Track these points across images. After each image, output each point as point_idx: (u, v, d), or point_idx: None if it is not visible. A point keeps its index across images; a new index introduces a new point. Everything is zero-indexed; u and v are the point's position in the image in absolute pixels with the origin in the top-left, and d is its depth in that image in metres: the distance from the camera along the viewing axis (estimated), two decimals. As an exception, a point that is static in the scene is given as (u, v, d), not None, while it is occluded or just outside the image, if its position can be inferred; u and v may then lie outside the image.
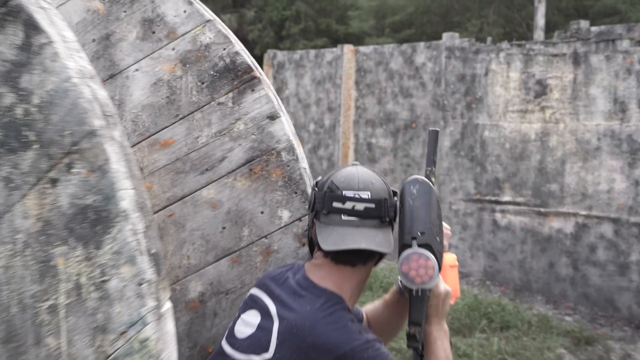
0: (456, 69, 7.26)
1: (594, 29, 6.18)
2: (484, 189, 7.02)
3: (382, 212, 1.71)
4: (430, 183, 1.75)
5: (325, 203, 1.74)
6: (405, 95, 7.77)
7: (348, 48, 8.37)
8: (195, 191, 2.17)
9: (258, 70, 2.26)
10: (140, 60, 2.17)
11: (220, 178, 2.17)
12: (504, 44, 6.92)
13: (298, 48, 20.26)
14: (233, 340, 1.74)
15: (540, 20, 10.19)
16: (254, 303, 1.77)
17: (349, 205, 1.70)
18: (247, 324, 1.73)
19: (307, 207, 2.08)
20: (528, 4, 18.58)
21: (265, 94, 2.20)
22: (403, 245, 1.64)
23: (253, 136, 2.15)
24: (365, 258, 1.73)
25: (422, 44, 7.67)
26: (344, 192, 1.71)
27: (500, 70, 6.88)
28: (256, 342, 1.67)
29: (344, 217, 1.70)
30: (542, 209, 6.55)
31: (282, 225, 2.12)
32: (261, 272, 2.11)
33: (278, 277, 1.81)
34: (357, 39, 20.01)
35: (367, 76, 8.17)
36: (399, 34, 20.82)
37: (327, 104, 8.63)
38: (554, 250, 6.47)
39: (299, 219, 2.12)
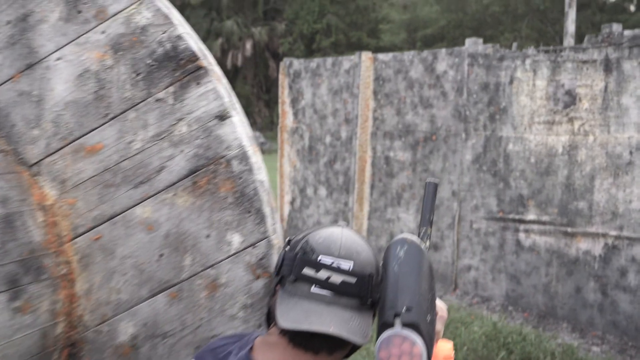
0: (479, 77, 6.82)
1: (627, 32, 5.70)
2: (507, 206, 6.55)
3: (364, 290, 1.35)
4: (423, 246, 1.38)
5: (294, 267, 1.38)
6: (426, 105, 7.34)
7: (366, 55, 7.97)
8: (128, 209, 1.80)
9: (206, 59, 1.87)
10: (64, 46, 1.80)
11: (157, 193, 1.79)
12: (530, 50, 6.46)
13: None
14: None
15: (570, 26, 9.68)
16: None
17: (323, 274, 1.35)
18: None
19: (263, 231, 1.77)
20: (561, 17, 18.11)
21: (213, 88, 1.82)
22: (383, 325, 1.26)
23: (198, 141, 1.79)
24: (332, 346, 1.37)
25: (443, 50, 7.25)
26: (319, 258, 1.37)
27: (526, 78, 6.42)
28: None
29: (314, 290, 1.35)
30: (569, 229, 6.06)
31: (232, 252, 1.77)
32: (206, 311, 1.76)
33: (219, 351, 1.48)
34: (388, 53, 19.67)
35: (385, 85, 7.76)
36: (431, 48, 20.42)
37: (344, 114, 8.23)
38: (581, 273, 5.98)
39: (253, 245, 1.77)
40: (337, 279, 1.34)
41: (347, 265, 1.35)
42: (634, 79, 5.65)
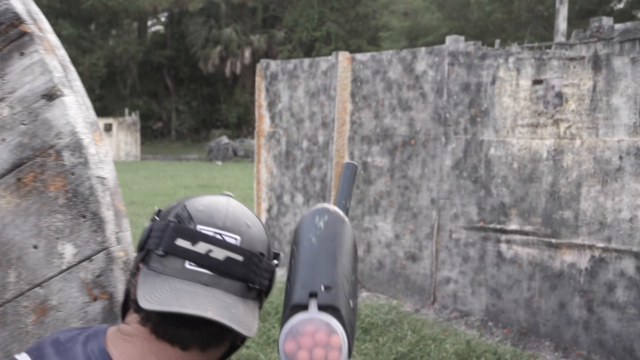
0: (460, 77, 6.38)
1: (618, 26, 5.25)
2: (489, 215, 6.10)
3: (252, 273, 1.09)
4: (347, 219, 1.07)
5: (164, 238, 1.08)
6: (404, 108, 6.90)
7: (344, 56, 7.55)
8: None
9: (36, 24, 1.52)
10: None
11: (-28, 194, 1.46)
12: (514, 47, 6.03)
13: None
14: None
15: (561, 24, 9.21)
16: None
17: (202, 247, 1.06)
18: None
19: (101, 241, 1.44)
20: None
21: (40, 60, 1.48)
22: (293, 308, 0.96)
23: (22, 127, 1.45)
24: (207, 340, 1.08)
25: (423, 49, 6.82)
26: (197, 227, 1.08)
27: (509, 77, 5.98)
28: None
29: (189, 266, 1.06)
30: (553, 240, 5.60)
31: (64, 267, 1.44)
32: (35, 340, 1.42)
33: (64, 342, 1.12)
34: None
35: (363, 87, 7.33)
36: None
37: (321, 118, 7.80)
38: (565, 288, 5.51)
39: (88, 259, 1.44)
40: (220, 254, 1.06)
41: (232, 239, 1.08)
42: (625, 77, 5.20)
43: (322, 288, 0.96)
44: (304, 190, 7.99)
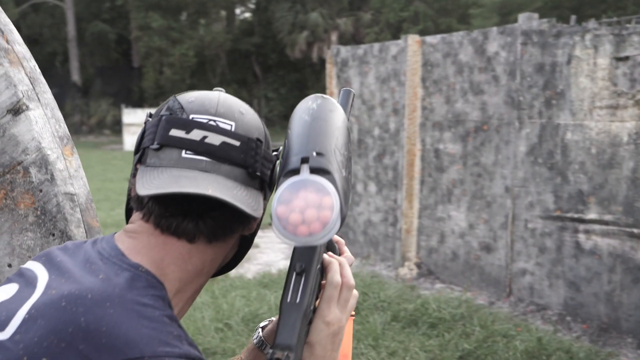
0: (534, 57, 6.03)
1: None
2: (566, 203, 5.75)
3: (251, 158, 1.07)
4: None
5: (157, 132, 1.06)
6: (476, 91, 6.60)
7: (413, 39, 7.30)
8: None
9: (3, 35, 1.57)
10: None
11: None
12: (591, 23, 5.64)
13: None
14: None
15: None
16: (17, 276, 1.07)
17: (196, 134, 1.04)
18: None
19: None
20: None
21: (5, 73, 1.45)
22: (285, 174, 0.98)
23: None
24: (213, 228, 1.06)
25: (494, 29, 6.50)
26: (190, 116, 1.06)
27: (586, 56, 5.60)
28: None
29: (185, 155, 1.04)
30: (635, 230, 5.21)
31: None
32: None
33: (71, 247, 1.11)
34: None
35: (434, 71, 7.07)
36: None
37: (392, 105, 7.58)
38: (648, 282, 5.13)
39: None
40: (215, 139, 1.04)
41: (227, 124, 1.06)
42: None
43: (314, 154, 0.98)
44: (376, 179, 7.81)
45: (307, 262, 1.02)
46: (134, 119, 24.99)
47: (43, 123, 1.47)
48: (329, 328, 1.03)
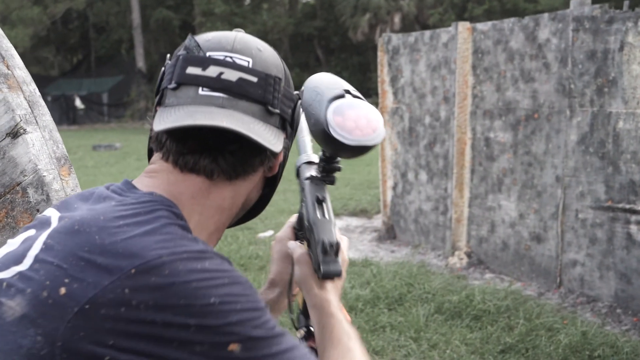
0: (585, 44, 5.89)
1: None
2: (617, 194, 5.62)
3: (270, 95, 1.08)
4: None
5: (175, 71, 1.08)
6: (527, 79, 6.49)
7: (463, 26, 7.20)
8: None
9: (4, 61, 1.62)
10: None
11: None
12: (644, 9, 5.46)
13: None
14: None
15: None
16: (34, 223, 1.08)
17: (212, 71, 1.05)
18: (11, 244, 1.05)
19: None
20: None
21: (3, 99, 1.52)
22: (331, 100, 1.08)
23: None
24: (233, 164, 1.08)
25: (546, 15, 6.36)
26: (207, 53, 1.07)
27: (639, 43, 5.44)
28: (12, 255, 1.00)
29: (202, 92, 1.05)
30: (687, 222, 5.07)
31: None
32: None
33: (84, 192, 1.14)
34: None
35: (484, 58, 6.97)
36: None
37: (443, 93, 7.52)
38: (701, 276, 4.99)
39: None
40: (232, 75, 1.05)
41: (244, 61, 1.07)
42: None
43: (350, 90, 1.12)
44: (427, 168, 7.78)
45: (323, 195, 1.20)
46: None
47: (40, 145, 1.54)
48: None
